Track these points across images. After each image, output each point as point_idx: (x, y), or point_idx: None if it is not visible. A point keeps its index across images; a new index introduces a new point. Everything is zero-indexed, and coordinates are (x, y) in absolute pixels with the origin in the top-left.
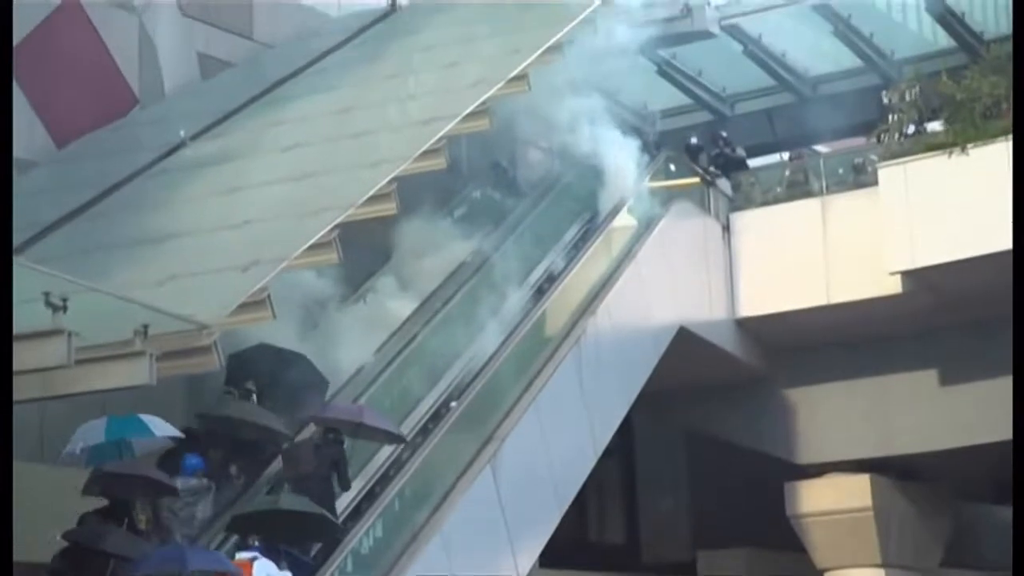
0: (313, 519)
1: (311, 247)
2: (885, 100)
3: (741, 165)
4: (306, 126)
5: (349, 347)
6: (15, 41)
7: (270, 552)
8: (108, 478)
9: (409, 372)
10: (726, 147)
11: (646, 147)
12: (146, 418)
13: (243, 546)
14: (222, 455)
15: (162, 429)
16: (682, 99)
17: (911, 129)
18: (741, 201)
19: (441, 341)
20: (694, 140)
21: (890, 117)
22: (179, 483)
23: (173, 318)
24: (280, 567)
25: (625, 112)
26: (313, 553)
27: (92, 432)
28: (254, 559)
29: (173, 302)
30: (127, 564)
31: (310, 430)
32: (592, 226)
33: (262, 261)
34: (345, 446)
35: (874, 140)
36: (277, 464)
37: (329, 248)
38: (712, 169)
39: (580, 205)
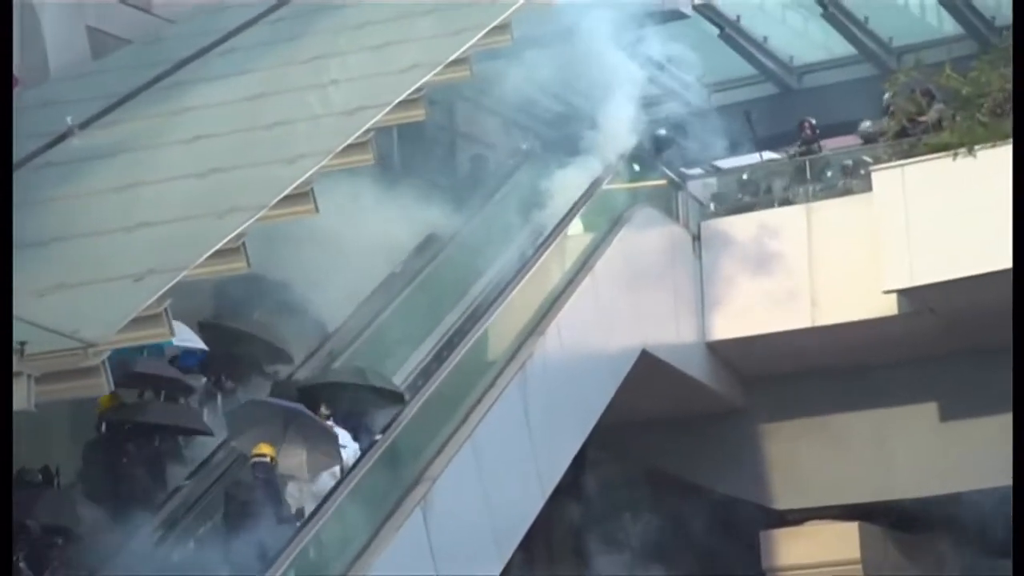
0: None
1: (216, 254)
2: (884, 95)
3: None
4: (213, 115)
5: None
6: None
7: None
8: (127, 376)
9: None
10: (814, 139)
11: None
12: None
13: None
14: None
15: (185, 339)
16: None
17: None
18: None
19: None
20: (663, 132)
21: (887, 114)
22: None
23: (56, 335)
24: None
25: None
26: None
27: None
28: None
29: (56, 316)
30: None
31: None
32: (543, 234)
33: (158, 270)
34: None
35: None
36: None
37: (237, 255)
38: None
39: (529, 210)
